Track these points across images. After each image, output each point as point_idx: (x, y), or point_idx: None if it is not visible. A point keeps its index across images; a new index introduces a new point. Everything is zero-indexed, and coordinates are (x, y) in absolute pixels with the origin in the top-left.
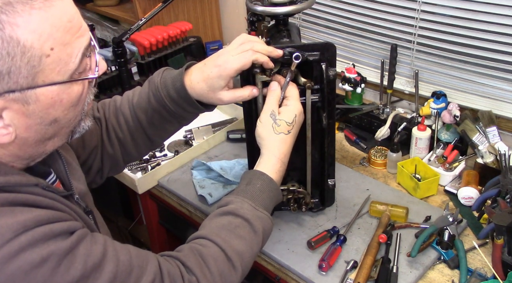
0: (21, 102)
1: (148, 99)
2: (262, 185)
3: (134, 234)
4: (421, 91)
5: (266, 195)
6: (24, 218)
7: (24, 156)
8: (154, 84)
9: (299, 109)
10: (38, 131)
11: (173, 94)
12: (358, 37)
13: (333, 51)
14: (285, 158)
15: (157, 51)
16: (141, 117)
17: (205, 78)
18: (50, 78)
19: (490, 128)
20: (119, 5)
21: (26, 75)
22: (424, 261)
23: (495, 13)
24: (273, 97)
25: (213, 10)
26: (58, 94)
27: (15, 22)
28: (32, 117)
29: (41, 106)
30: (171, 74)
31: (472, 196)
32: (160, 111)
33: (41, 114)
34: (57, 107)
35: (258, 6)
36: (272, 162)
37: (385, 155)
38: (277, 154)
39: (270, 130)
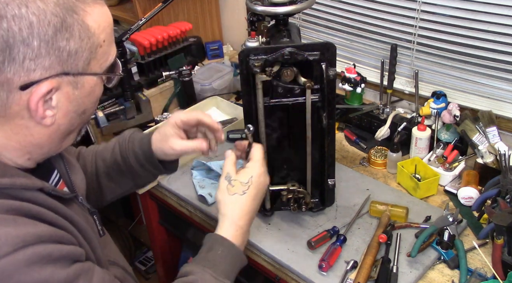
0: (72, 85)
1: (112, 149)
2: (223, 251)
3: (134, 234)
4: (421, 91)
5: (228, 261)
6: (25, 232)
7: (45, 148)
8: (123, 137)
9: (258, 170)
10: (71, 120)
11: (139, 153)
12: (358, 37)
13: (333, 51)
14: (240, 220)
15: (157, 51)
16: (100, 165)
17: (159, 128)
18: (95, 68)
19: (490, 128)
20: (119, 5)
21: (85, 59)
22: (424, 261)
23: (495, 13)
24: (228, 162)
25: (213, 10)
26: (95, 84)
27: (86, 10)
28: (73, 103)
29: (82, 93)
30: (143, 133)
31: (472, 196)
32: (120, 165)
33: (79, 102)
34: (91, 98)
35: (258, 6)
36: (227, 226)
37: (385, 155)
38: (230, 216)
39: (224, 191)
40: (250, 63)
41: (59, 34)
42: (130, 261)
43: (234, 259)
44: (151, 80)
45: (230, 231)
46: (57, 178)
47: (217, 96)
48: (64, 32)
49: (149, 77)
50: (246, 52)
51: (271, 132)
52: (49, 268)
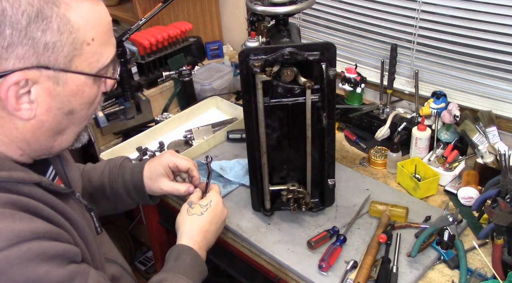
0: (52, 80)
1: (101, 172)
2: (191, 260)
3: (134, 234)
4: (421, 91)
5: (196, 270)
6: (21, 228)
7: (34, 145)
8: (114, 162)
9: (217, 198)
10: (55, 118)
11: (128, 179)
12: (358, 37)
13: (333, 51)
14: (198, 236)
15: (157, 51)
16: (85, 184)
17: (150, 163)
18: (82, 67)
19: (490, 128)
20: (119, 5)
21: (66, 55)
22: (424, 261)
23: (495, 13)
24: (193, 194)
25: (213, 10)
26: (82, 85)
27: (69, 4)
28: (55, 100)
29: (66, 91)
30: (134, 164)
31: (472, 196)
32: (105, 187)
33: (63, 99)
34: (78, 98)
35: (258, 6)
36: (185, 240)
37: (385, 155)
38: (187, 232)
39: (184, 213)
40: (250, 63)
41: (33, 24)
42: (130, 261)
43: (200, 268)
44: (151, 80)
45: (189, 244)
46: (53, 174)
47: (217, 96)
48: (40, 23)
49: (149, 77)
50: (246, 52)
51: (271, 132)
52: (44, 266)
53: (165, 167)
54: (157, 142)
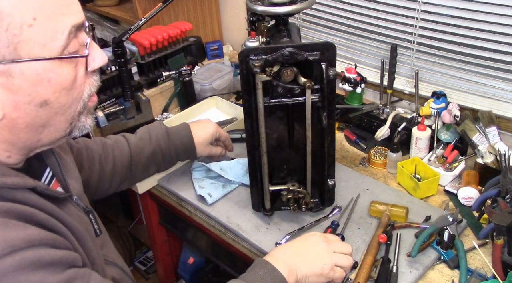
0: (5, 75)
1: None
2: (264, 273)
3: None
4: (421, 91)
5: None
6: (14, 236)
7: (18, 144)
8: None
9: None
10: (28, 112)
11: (178, 142)
12: (358, 37)
13: (333, 51)
14: (281, 254)
15: (157, 51)
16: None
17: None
18: (35, 52)
19: (490, 128)
20: (119, 5)
21: (7, 45)
22: (424, 261)
23: (495, 13)
24: None
25: (213, 10)
26: (44, 71)
27: None
28: (19, 94)
29: (27, 82)
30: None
31: (472, 196)
32: (156, 154)
33: (28, 92)
34: (46, 87)
35: (258, 6)
36: (266, 256)
37: (385, 155)
38: (272, 251)
39: None
40: (250, 63)
41: None
42: (130, 261)
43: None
44: (151, 80)
45: (268, 258)
46: (50, 176)
47: (217, 96)
48: None
49: (149, 77)
50: (246, 52)
51: (271, 132)
52: (39, 273)
53: (213, 136)
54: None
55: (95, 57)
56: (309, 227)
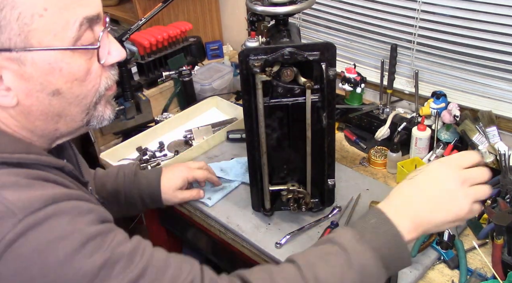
0: (17, 63)
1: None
2: (376, 223)
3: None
4: (421, 91)
5: (381, 237)
6: (54, 192)
7: (37, 131)
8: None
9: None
10: (41, 101)
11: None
12: (358, 37)
13: (333, 51)
14: (396, 200)
15: (157, 51)
16: (98, 189)
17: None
18: (46, 41)
19: (490, 128)
20: (119, 5)
21: (18, 33)
22: (424, 261)
23: (495, 13)
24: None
25: (213, 10)
26: (56, 61)
27: None
28: (32, 82)
29: (39, 71)
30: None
31: None
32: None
33: (40, 80)
34: (57, 77)
35: (258, 6)
36: (381, 204)
37: (385, 155)
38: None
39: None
40: (250, 63)
41: None
42: None
43: (388, 237)
44: (151, 80)
45: (381, 207)
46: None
47: (217, 96)
48: None
49: (149, 77)
50: (246, 52)
51: (271, 132)
52: (79, 220)
53: (184, 181)
54: (157, 141)
55: (111, 51)
56: (309, 227)
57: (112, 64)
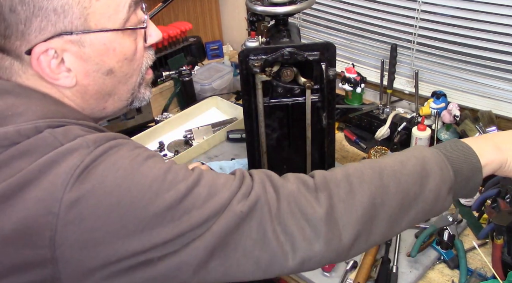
0: (77, 44)
1: None
2: (452, 146)
3: None
4: (421, 91)
5: (453, 149)
6: (112, 133)
7: (87, 109)
8: None
9: None
10: (97, 80)
11: None
12: (358, 37)
13: (333, 51)
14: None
15: (157, 51)
16: None
17: None
18: (102, 23)
19: (490, 128)
20: None
21: (79, 16)
22: (424, 261)
23: (495, 13)
24: None
25: (213, 10)
26: (110, 41)
27: None
28: (89, 63)
29: (96, 51)
30: None
31: None
32: None
33: (97, 60)
34: (111, 56)
35: (258, 6)
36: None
37: (385, 154)
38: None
39: None
40: (250, 63)
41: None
42: None
43: (467, 157)
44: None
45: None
46: None
47: (217, 96)
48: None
49: None
50: (246, 52)
51: (271, 132)
52: (138, 148)
53: None
54: (157, 141)
55: (152, 33)
56: None
57: (151, 45)
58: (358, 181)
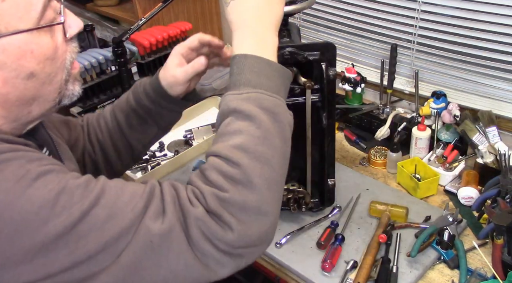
0: None
1: (126, 99)
2: (238, 68)
3: None
4: (421, 91)
5: (247, 73)
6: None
7: (10, 117)
8: (135, 84)
9: None
10: (17, 86)
11: (148, 89)
12: (358, 37)
13: (333, 51)
14: (246, 22)
15: (157, 51)
16: (119, 117)
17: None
18: (12, 25)
19: (490, 128)
20: (119, 5)
21: None
22: (424, 261)
23: (495, 13)
24: None
25: (213, 10)
26: (26, 43)
27: None
28: (6, 70)
29: (11, 57)
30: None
31: (472, 196)
32: (137, 109)
33: (14, 66)
34: (29, 59)
35: None
36: (237, 37)
37: (385, 155)
38: (235, 25)
39: (225, 8)
40: None
41: None
42: None
43: (254, 68)
44: None
45: (238, 42)
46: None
47: (217, 96)
48: None
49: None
50: None
51: None
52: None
53: (177, 56)
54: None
55: (71, 24)
56: (309, 227)
57: (72, 37)
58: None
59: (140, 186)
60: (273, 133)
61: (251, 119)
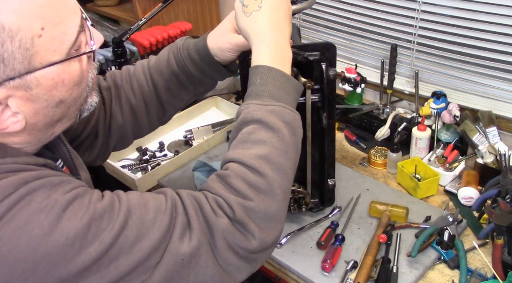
0: (23, 88)
1: (167, 61)
2: (261, 79)
3: None
4: (421, 91)
5: (270, 86)
6: (26, 175)
7: (34, 141)
8: (176, 46)
9: None
10: (46, 114)
11: (194, 55)
12: (358, 37)
13: (333, 51)
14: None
15: (157, 51)
16: (158, 80)
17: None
18: (46, 59)
19: (490, 129)
20: (119, 5)
21: (22, 60)
22: (424, 261)
23: (495, 13)
24: None
25: (213, 10)
26: (58, 74)
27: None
28: (38, 102)
29: (44, 90)
30: (196, 39)
31: (472, 196)
32: (179, 75)
33: (46, 98)
34: (60, 88)
35: None
36: (256, 48)
37: (385, 155)
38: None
39: (241, 16)
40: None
41: None
42: None
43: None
44: None
45: (261, 53)
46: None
47: (217, 96)
48: None
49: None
50: (246, 53)
51: None
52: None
53: (232, 20)
54: (157, 142)
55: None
56: (309, 227)
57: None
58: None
59: (161, 200)
60: (292, 146)
61: (274, 131)
